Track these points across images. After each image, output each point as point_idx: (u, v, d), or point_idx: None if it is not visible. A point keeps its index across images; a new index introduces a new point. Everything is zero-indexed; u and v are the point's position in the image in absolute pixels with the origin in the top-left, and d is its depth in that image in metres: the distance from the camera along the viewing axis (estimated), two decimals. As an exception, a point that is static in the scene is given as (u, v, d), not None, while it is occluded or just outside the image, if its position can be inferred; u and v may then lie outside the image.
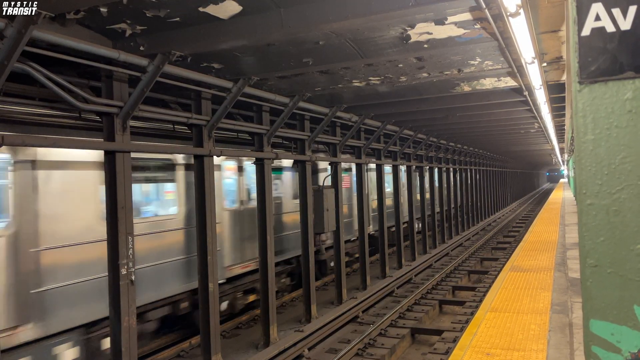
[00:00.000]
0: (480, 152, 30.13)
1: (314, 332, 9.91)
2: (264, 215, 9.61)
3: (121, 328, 6.43)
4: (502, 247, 21.65)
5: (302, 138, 11.00)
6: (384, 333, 10.57)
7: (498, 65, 7.81)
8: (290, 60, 7.22)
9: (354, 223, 15.68)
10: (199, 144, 8.07)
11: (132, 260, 6.61)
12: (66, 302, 7.01)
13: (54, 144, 5.93)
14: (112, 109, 6.39)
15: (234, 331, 10.81)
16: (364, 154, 14.03)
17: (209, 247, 8.11)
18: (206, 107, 8.19)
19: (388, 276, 14.81)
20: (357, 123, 12.44)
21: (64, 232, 7.12)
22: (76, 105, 5.93)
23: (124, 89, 6.62)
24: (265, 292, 9.59)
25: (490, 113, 13.65)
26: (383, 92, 10.20)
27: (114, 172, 6.48)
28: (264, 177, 9.68)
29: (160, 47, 6.11)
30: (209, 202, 8.19)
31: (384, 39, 6.37)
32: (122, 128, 6.55)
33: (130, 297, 6.59)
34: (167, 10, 5.34)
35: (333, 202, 12.29)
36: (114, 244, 6.46)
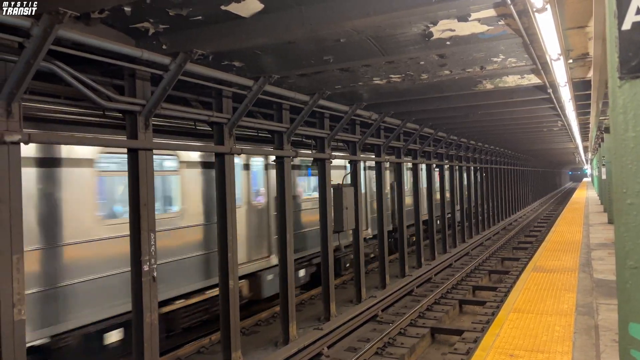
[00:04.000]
0: (501, 150, 29.74)
1: (333, 330, 9.89)
2: (284, 213, 9.62)
3: (143, 324, 6.50)
4: (524, 247, 21.34)
5: (321, 136, 10.98)
6: (403, 332, 10.50)
7: (522, 62, 7.68)
8: (310, 58, 7.20)
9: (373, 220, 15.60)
10: (220, 142, 8.11)
11: (154, 257, 6.67)
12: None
13: (79, 142, 6.01)
14: (135, 107, 6.45)
15: (253, 328, 10.85)
16: (383, 152, 13.96)
17: (230, 244, 8.15)
18: (227, 105, 8.23)
19: (407, 275, 14.72)
20: (376, 121, 12.37)
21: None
22: (100, 103, 6.00)
23: (147, 87, 6.69)
24: (285, 290, 9.61)
25: (512, 111, 13.46)
26: (403, 90, 10.12)
27: (137, 170, 6.54)
28: (284, 175, 9.69)
29: (182, 45, 6.15)
30: (229, 199, 8.23)
31: (406, 36, 6.31)
32: (145, 126, 6.61)
33: (152, 293, 6.65)
34: (189, 9, 5.37)
35: (352, 201, 12.25)
36: (137, 240, 6.54)
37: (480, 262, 18.20)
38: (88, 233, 7.25)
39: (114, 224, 7.68)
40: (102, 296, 7.33)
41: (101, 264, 7.39)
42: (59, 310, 6.77)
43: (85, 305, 7.09)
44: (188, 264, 8.99)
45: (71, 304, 6.93)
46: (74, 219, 7.06)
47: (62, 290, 6.84)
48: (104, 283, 7.36)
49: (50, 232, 6.79)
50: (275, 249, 10.97)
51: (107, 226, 7.56)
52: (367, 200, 15.46)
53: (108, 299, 7.38)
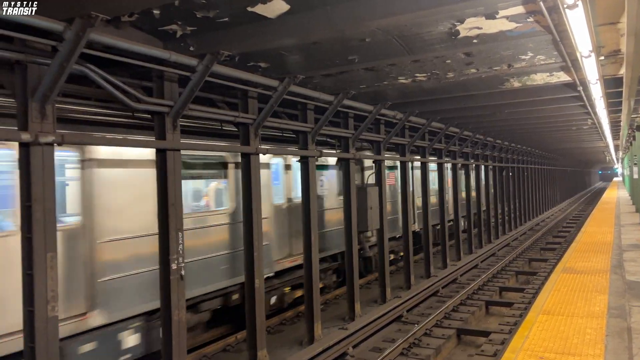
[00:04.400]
0: (528, 149, 29.21)
1: (358, 330, 9.87)
2: (309, 212, 9.64)
3: (171, 321, 6.60)
4: (552, 248, 20.92)
5: (346, 136, 10.97)
6: (429, 333, 10.42)
7: (551, 59, 7.54)
8: (335, 58, 7.21)
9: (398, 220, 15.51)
10: (246, 142, 8.18)
11: (182, 256, 6.77)
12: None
13: (109, 143, 6.14)
14: (163, 109, 6.56)
15: (278, 327, 10.92)
16: (408, 152, 13.87)
17: (255, 243, 8.22)
18: (252, 106, 8.29)
19: (433, 276, 14.59)
20: (401, 120, 12.30)
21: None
22: (130, 105, 6.11)
23: (174, 88, 6.78)
24: (310, 289, 9.64)
25: (540, 109, 13.20)
26: (429, 89, 10.04)
27: (165, 170, 6.65)
28: (308, 174, 9.71)
29: (209, 47, 6.22)
30: (255, 199, 8.29)
31: (432, 35, 6.26)
32: (173, 127, 6.71)
33: (180, 291, 6.75)
34: (216, 11, 5.43)
35: (377, 200, 12.20)
36: (165, 239, 6.64)
37: (507, 262, 17.92)
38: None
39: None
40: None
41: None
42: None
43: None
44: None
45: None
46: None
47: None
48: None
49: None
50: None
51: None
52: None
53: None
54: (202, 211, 9.38)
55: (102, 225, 7.10)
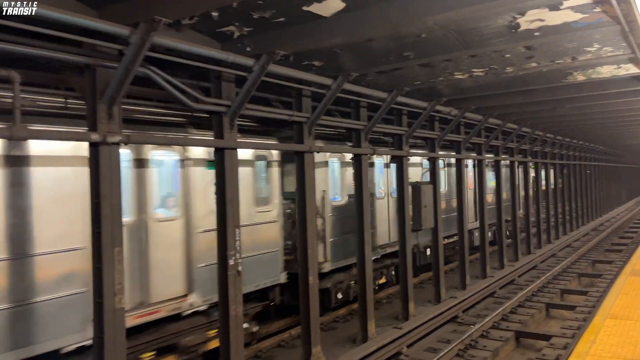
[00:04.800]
0: (590, 146, 27.83)
1: (412, 330, 9.77)
2: (362, 210, 9.61)
3: (229, 316, 6.77)
4: (618, 250, 19.86)
5: (399, 133, 10.86)
6: (485, 335, 10.17)
7: (619, 51, 7.15)
8: (390, 55, 7.14)
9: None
10: (300, 141, 8.26)
11: (239, 252, 6.93)
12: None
13: (171, 142, 6.35)
14: (220, 108, 6.72)
15: (331, 324, 10.97)
16: (463, 149, 13.55)
17: (310, 240, 8.29)
18: (306, 105, 8.36)
19: (489, 276, 14.20)
20: (456, 117, 12.04)
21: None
22: (190, 105, 6.31)
23: (231, 88, 6.94)
24: (363, 288, 9.61)
25: (605, 103, 12.55)
26: (486, 84, 9.76)
27: (223, 168, 6.82)
28: (361, 172, 9.68)
29: (265, 47, 6.32)
30: (309, 197, 8.36)
31: (491, 29, 6.09)
32: (230, 126, 6.87)
33: (237, 286, 6.91)
34: (272, 11, 5.51)
35: (431, 199, 12.00)
36: (223, 236, 6.81)
37: (569, 264, 17.18)
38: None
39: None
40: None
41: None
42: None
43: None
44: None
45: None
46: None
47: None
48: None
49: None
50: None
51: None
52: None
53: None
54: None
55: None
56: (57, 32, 4.66)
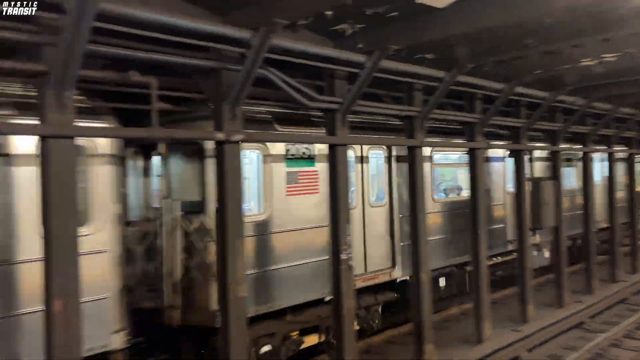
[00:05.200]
0: None
1: (532, 334, 9.23)
2: (476, 208, 9.25)
3: (342, 309, 6.89)
4: None
5: (517, 126, 10.27)
6: (617, 344, 9.29)
7: None
8: (508, 44, 6.79)
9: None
10: (411, 136, 8.15)
11: (350, 247, 7.02)
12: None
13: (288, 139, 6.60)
14: (333, 106, 6.84)
15: (443, 324, 10.70)
16: (590, 142, 12.47)
17: (421, 238, 8.16)
18: (417, 99, 8.22)
19: (621, 281, 12.94)
20: (582, 107, 11.10)
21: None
22: (305, 103, 6.50)
23: (343, 86, 7.03)
24: (478, 287, 9.26)
25: None
26: (617, 70, 8.86)
27: (335, 164, 6.95)
28: (476, 168, 9.31)
29: (377, 43, 6.33)
30: (419, 192, 8.23)
31: (627, 8, 5.52)
32: (342, 123, 6.98)
33: (349, 281, 7.00)
34: (386, 6, 5.49)
35: (553, 195, 11.20)
36: (335, 231, 6.95)
37: None
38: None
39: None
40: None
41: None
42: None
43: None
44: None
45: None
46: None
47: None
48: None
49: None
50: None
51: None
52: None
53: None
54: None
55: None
56: (188, 40, 5.05)
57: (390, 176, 9.22)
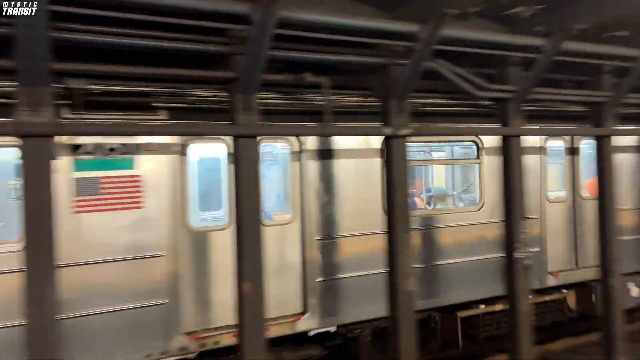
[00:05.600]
0: None
1: None
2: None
3: (517, 310, 6.50)
4: None
5: None
6: None
7: None
8: None
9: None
10: (598, 124, 7.30)
11: (524, 245, 6.56)
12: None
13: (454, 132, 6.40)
14: (506, 95, 6.44)
15: (638, 336, 9.38)
16: None
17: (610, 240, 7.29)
18: (605, 82, 7.33)
19: None
20: None
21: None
22: (475, 94, 6.21)
23: (517, 73, 6.56)
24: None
25: None
26: None
27: (508, 157, 6.56)
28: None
29: (557, 24, 5.80)
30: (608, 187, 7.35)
31: None
32: (515, 113, 6.54)
33: (522, 280, 6.55)
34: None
35: None
36: (509, 227, 6.56)
37: None
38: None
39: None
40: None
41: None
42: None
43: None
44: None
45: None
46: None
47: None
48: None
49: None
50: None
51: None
52: None
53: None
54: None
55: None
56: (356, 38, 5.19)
57: (301, 179, 6.66)
